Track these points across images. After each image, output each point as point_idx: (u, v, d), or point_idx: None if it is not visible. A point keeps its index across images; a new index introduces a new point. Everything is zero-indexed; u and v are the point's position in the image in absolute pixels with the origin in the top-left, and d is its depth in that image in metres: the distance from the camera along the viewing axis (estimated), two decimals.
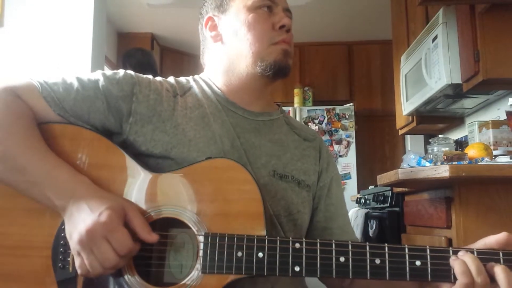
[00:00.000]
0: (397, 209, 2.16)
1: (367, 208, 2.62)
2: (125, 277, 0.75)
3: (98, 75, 0.89)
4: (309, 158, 0.99)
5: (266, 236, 0.73)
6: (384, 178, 1.59)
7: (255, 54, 0.92)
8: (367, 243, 0.72)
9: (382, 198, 2.31)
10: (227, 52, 0.96)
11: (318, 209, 0.99)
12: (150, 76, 0.94)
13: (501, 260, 0.69)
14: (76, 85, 0.86)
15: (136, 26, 4.18)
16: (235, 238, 0.73)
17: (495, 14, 1.89)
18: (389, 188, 2.15)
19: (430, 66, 2.29)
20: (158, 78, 0.95)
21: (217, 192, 0.77)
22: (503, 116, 2.11)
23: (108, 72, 0.91)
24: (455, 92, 2.27)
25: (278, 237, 0.73)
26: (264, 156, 0.92)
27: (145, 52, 3.47)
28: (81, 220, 0.72)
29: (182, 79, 1.00)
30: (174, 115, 0.89)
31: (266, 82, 0.95)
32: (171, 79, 0.98)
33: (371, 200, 2.52)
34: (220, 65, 0.97)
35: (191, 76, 1.01)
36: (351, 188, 3.79)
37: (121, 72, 0.91)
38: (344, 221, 1.01)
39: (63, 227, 0.77)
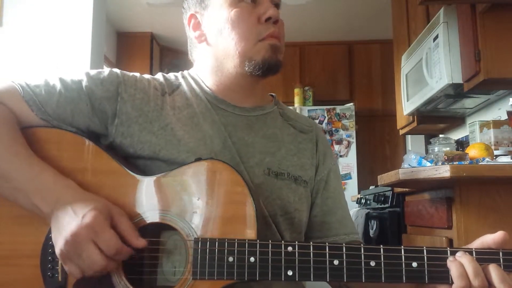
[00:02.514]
0: (397, 209, 2.15)
1: (367, 209, 2.61)
2: (115, 284, 0.73)
3: (82, 75, 0.86)
4: (305, 152, 0.95)
5: (258, 240, 0.71)
6: (385, 178, 1.58)
7: (242, 54, 0.87)
8: (362, 245, 0.70)
9: (382, 198, 2.30)
10: (213, 53, 0.91)
11: (316, 203, 0.95)
12: (137, 74, 0.91)
13: (501, 260, 0.67)
14: (59, 87, 0.84)
15: (135, 25, 4.17)
16: (226, 243, 0.71)
17: (496, 14, 1.88)
18: (389, 188, 2.14)
19: (431, 66, 2.28)
20: (146, 76, 0.92)
21: (207, 195, 0.74)
22: (504, 116, 2.10)
23: (93, 71, 0.88)
24: (456, 92, 2.26)
25: (270, 241, 0.71)
26: (258, 154, 0.89)
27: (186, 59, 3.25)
28: (66, 224, 0.70)
29: (171, 75, 0.97)
30: (162, 115, 0.86)
31: (256, 79, 0.92)
32: (159, 76, 0.95)
33: (371, 200, 2.51)
34: (207, 65, 0.94)
35: (180, 72, 0.98)
36: (351, 188, 3.78)
37: (106, 71, 0.88)
38: (343, 214, 0.97)
39: (50, 235, 0.75)
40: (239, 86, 0.92)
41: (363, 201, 2.74)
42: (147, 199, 0.77)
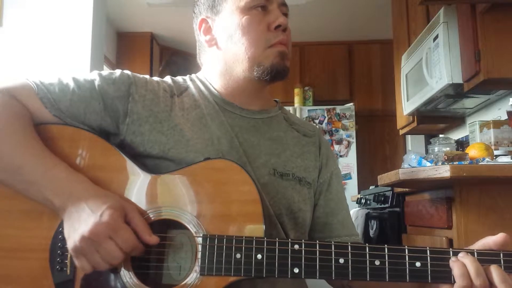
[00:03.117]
0: (397, 209, 2.15)
1: (367, 208, 2.61)
2: (123, 279, 0.74)
3: (94, 75, 0.89)
4: (309, 155, 0.98)
5: (265, 238, 0.72)
6: (385, 178, 1.59)
7: (251, 59, 0.90)
8: (367, 244, 0.71)
9: (382, 198, 2.30)
10: (223, 57, 0.94)
11: (319, 204, 0.98)
12: (147, 76, 0.94)
13: (502, 261, 0.68)
14: (72, 86, 0.86)
15: (135, 25, 4.17)
16: (234, 240, 0.72)
17: (496, 14, 1.89)
18: (389, 188, 2.14)
19: (431, 66, 2.28)
20: (155, 78, 0.95)
21: (215, 194, 0.76)
22: (504, 116, 2.11)
23: (104, 72, 0.91)
24: (456, 92, 2.27)
25: (277, 239, 0.72)
26: (264, 155, 0.91)
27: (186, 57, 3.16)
28: (82, 221, 0.72)
29: (179, 78, 0.99)
30: (171, 116, 0.89)
31: (264, 84, 0.94)
32: (168, 79, 0.98)
33: (371, 200, 2.51)
34: (216, 68, 0.96)
35: (188, 75, 1.01)
36: (351, 188, 3.78)
37: (117, 72, 0.91)
38: (344, 215, 1.00)
39: (60, 229, 0.77)
40: (246, 90, 0.95)
41: (363, 201, 2.74)
42: (156, 196, 0.78)
